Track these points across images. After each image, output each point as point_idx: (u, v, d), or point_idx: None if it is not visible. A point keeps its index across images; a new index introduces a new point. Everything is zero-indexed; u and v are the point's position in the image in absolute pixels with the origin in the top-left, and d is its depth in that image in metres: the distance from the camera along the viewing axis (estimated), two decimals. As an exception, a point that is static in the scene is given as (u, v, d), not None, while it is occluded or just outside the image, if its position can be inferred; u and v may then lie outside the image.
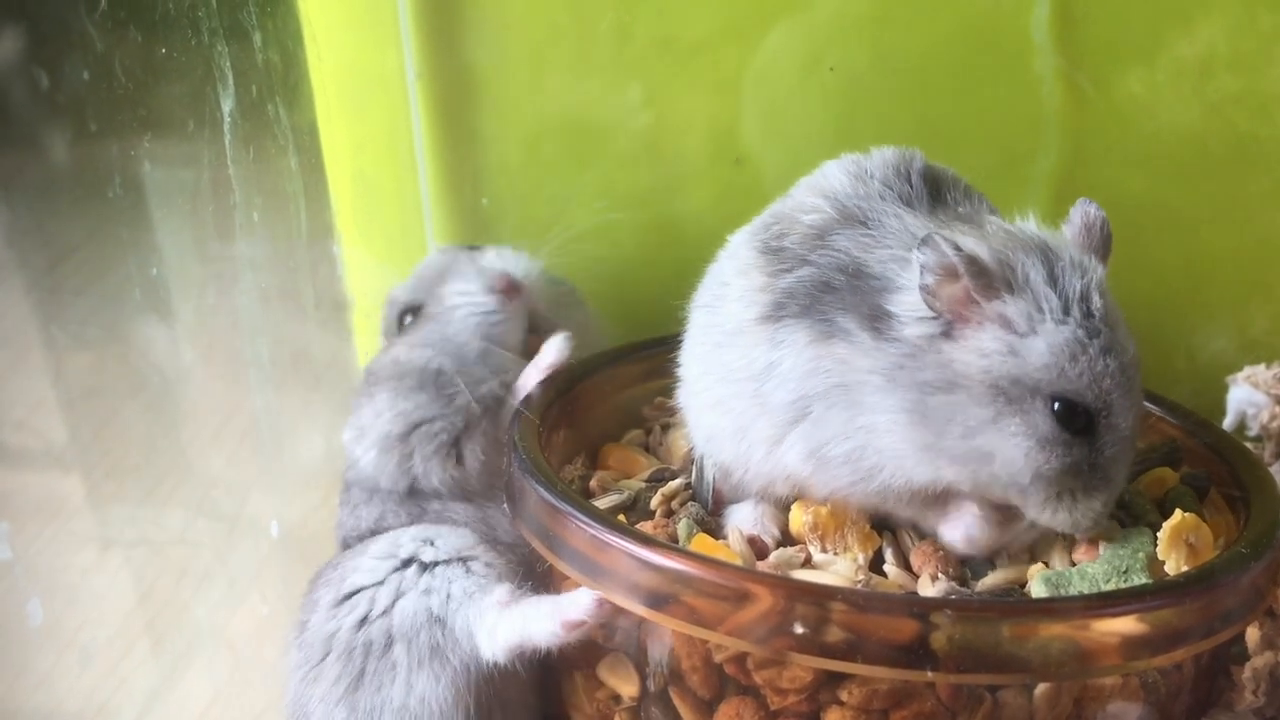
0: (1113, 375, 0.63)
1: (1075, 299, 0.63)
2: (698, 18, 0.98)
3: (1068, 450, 0.63)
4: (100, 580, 0.75)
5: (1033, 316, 0.63)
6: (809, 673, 0.64)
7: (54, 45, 0.66)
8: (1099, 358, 0.63)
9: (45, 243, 0.70)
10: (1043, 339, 0.63)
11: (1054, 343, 0.63)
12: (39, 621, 0.66)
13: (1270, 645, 0.72)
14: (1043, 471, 0.63)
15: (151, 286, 0.77)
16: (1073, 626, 0.60)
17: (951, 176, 0.75)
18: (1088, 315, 0.63)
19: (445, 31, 0.98)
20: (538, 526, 0.71)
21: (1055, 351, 0.63)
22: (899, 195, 0.71)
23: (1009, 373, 0.63)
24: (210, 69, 0.79)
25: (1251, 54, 0.93)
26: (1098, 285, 0.64)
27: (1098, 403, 0.63)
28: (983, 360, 0.64)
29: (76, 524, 0.73)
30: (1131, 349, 0.64)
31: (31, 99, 0.64)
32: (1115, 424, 0.64)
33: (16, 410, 0.71)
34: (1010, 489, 0.65)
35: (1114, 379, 0.63)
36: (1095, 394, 0.63)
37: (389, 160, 1.04)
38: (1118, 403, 0.63)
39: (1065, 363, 0.62)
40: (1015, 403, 0.63)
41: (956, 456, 0.65)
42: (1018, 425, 0.63)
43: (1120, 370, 0.63)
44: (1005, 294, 0.64)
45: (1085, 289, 0.64)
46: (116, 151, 0.71)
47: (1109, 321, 0.64)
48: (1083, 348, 0.63)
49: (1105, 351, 0.63)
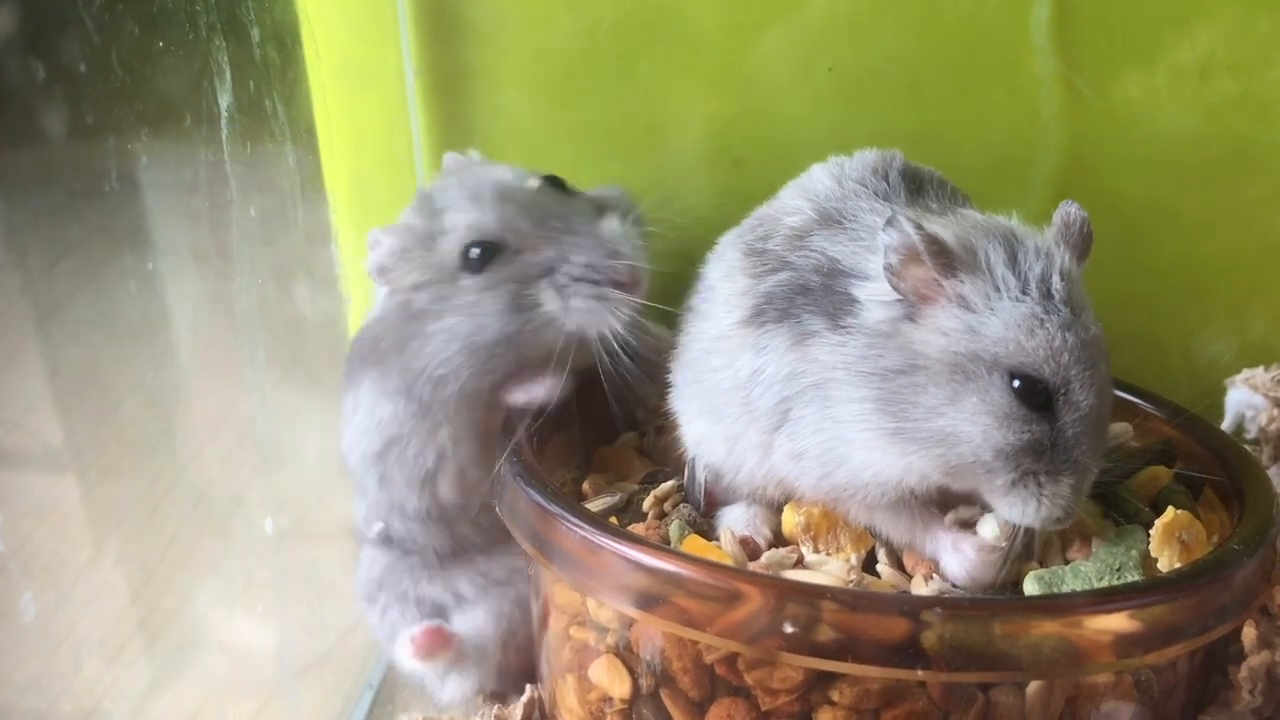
0: (1071, 351, 0.64)
1: (1035, 280, 0.65)
2: (696, 19, 0.98)
3: (1026, 426, 0.64)
4: (94, 578, 0.74)
5: (990, 295, 0.65)
6: (800, 673, 0.64)
7: (51, 37, 0.66)
8: (1057, 333, 0.64)
9: (41, 239, 0.69)
10: (999, 316, 0.64)
11: (1010, 319, 0.64)
12: (32, 618, 0.66)
13: (1267, 645, 0.72)
14: (1003, 449, 0.64)
15: (147, 282, 0.77)
16: (1064, 624, 0.61)
17: (932, 176, 0.76)
18: (1046, 295, 0.65)
19: (444, 29, 0.98)
20: (529, 530, 0.72)
21: (1011, 327, 0.64)
22: (875, 192, 0.73)
23: (967, 349, 0.64)
24: (208, 64, 0.78)
25: (1250, 57, 0.93)
26: (1060, 269, 0.65)
27: (1055, 378, 0.64)
28: (942, 339, 0.65)
29: (70, 521, 0.73)
30: (1094, 330, 0.65)
31: (28, 92, 0.63)
32: (1075, 401, 0.64)
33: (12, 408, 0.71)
34: (977, 470, 0.65)
35: (1072, 355, 0.64)
36: (1052, 369, 0.64)
37: (387, 157, 1.04)
38: (1077, 379, 0.64)
39: (1022, 337, 0.64)
40: (974, 380, 0.64)
41: (921, 440, 0.66)
42: (976, 403, 0.64)
43: (1080, 347, 0.64)
44: (964, 274, 0.65)
45: (1045, 271, 0.65)
46: (113, 146, 0.71)
47: (1070, 303, 0.65)
48: (1040, 323, 0.64)
49: (1064, 328, 0.64)
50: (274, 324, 0.91)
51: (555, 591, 0.74)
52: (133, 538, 0.77)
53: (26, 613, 0.65)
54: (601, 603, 0.69)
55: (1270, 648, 0.71)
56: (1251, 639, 0.71)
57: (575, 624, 0.73)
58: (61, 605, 0.71)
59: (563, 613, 0.74)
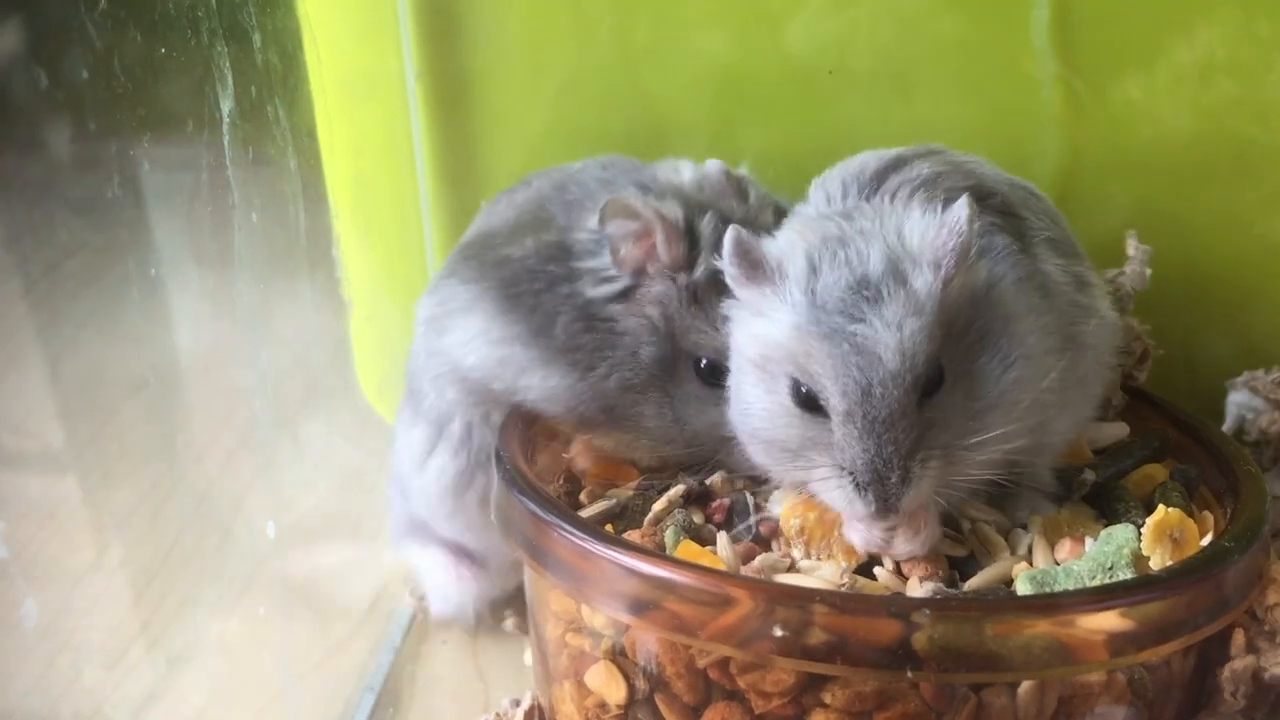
0: (828, 361, 0.67)
1: (820, 291, 0.69)
2: (696, 20, 0.98)
3: (803, 426, 0.69)
4: (96, 581, 0.74)
5: (776, 305, 0.70)
6: (792, 675, 0.64)
7: (53, 43, 0.66)
8: (817, 344, 0.67)
9: (43, 243, 0.69)
10: (776, 325, 0.70)
11: (783, 327, 0.69)
12: (34, 623, 0.66)
13: (1252, 649, 0.72)
14: (786, 444, 0.70)
15: (150, 287, 0.77)
16: (1055, 623, 0.61)
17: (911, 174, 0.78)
18: (819, 306, 0.68)
19: (445, 33, 0.99)
20: (523, 538, 0.72)
21: (785, 335, 0.69)
22: (826, 195, 0.80)
23: (760, 352, 0.71)
24: (210, 69, 0.79)
25: (1250, 60, 0.93)
26: (854, 280, 0.68)
27: (813, 385, 0.68)
28: (741, 340, 0.73)
29: (73, 525, 0.73)
30: (874, 341, 0.67)
31: (30, 98, 0.64)
32: (834, 407, 0.67)
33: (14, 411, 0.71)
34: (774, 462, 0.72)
35: (827, 365, 0.67)
36: (809, 377, 0.68)
37: (388, 162, 1.04)
38: (830, 386, 0.67)
39: (792, 345, 0.68)
40: (773, 379, 0.71)
41: (745, 432, 0.73)
42: (770, 401, 0.71)
43: (840, 358, 0.67)
44: (759, 283, 0.71)
45: (834, 282, 0.68)
46: (115, 151, 0.71)
47: (847, 312, 0.67)
48: (804, 333, 0.68)
49: (824, 338, 0.67)
50: (275, 329, 0.91)
51: (551, 598, 0.74)
52: (134, 541, 0.77)
53: (29, 618, 0.65)
54: (596, 609, 0.70)
55: (1255, 652, 0.71)
56: (1239, 643, 0.71)
57: (571, 630, 0.73)
58: (63, 609, 0.71)
59: (559, 619, 0.74)
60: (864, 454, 0.66)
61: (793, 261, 0.70)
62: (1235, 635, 0.71)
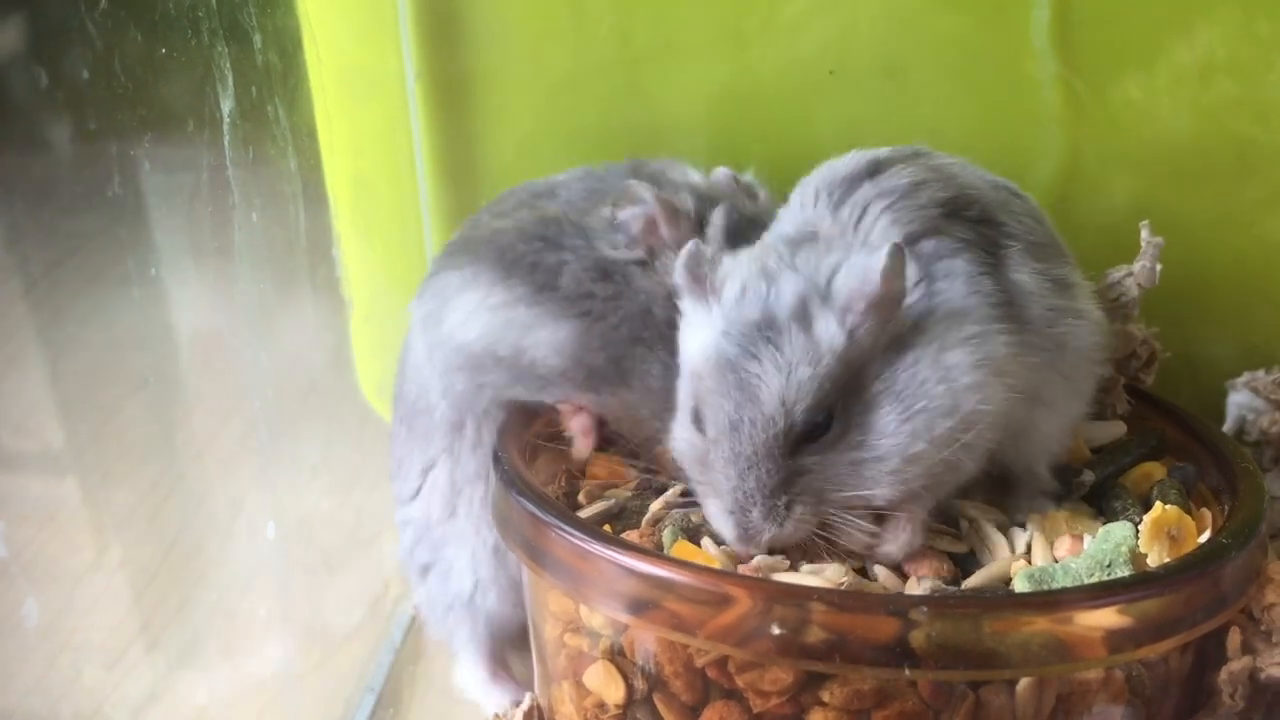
0: (713, 386, 0.69)
1: (726, 310, 0.71)
2: (697, 21, 0.98)
3: (691, 436, 0.72)
4: (97, 581, 0.74)
5: (694, 320, 0.73)
6: (790, 674, 0.64)
7: (54, 43, 0.66)
8: (712, 364, 0.70)
9: (44, 243, 0.70)
10: (691, 337, 0.73)
11: (693, 341, 0.73)
12: (35, 623, 0.66)
13: (1248, 649, 0.72)
14: (682, 454, 0.74)
15: (150, 287, 0.77)
16: (1053, 620, 0.61)
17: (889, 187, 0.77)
18: (725, 331, 0.70)
19: (445, 34, 0.99)
20: (521, 539, 0.72)
21: (693, 347, 0.72)
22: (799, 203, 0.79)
23: (684, 364, 0.74)
24: (210, 69, 0.79)
25: (1250, 60, 0.93)
26: (761, 312, 0.69)
27: (701, 405, 0.70)
28: (680, 346, 0.76)
29: (73, 525, 0.73)
30: (746, 373, 0.68)
31: (31, 97, 0.64)
32: (708, 432, 0.70)
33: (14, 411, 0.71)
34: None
35: (713, 390, 0.69)
36: (699, 397, 0.71)
37: (388, 162, 1.04)
38: (707, 413, 0.70)
39: (694, 356, 0.72)
40: (687, 391, 0.74)
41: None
42: (683, 410, 0.74)
43: (717, 379, 0.69)
44: (693, 297, 0.73)
45: (743, 315, 0.70)
46: (116, 151, 0.71)
47: (742, 343, 0.69)
48: (705, 351, 0.71)
49: (717, 366, 0.69)
50: (275, 328, 0.91)
51: (549, 598, 0.74)
52: (134, 541, 0.78)
53: (29, 617, 0.65)
54: (594, 609, 0.70)
55: (1252, 652, 0.71)
56: (1235, 643, 0.71)
57: (569, 631, 0.73)
58: (63, 609, 0.71)
59: (557, 620, 0.74)
60: (726, 482, 0.69)
61: (729, 285, 0.72)
62: (1231, 635, 0.71)
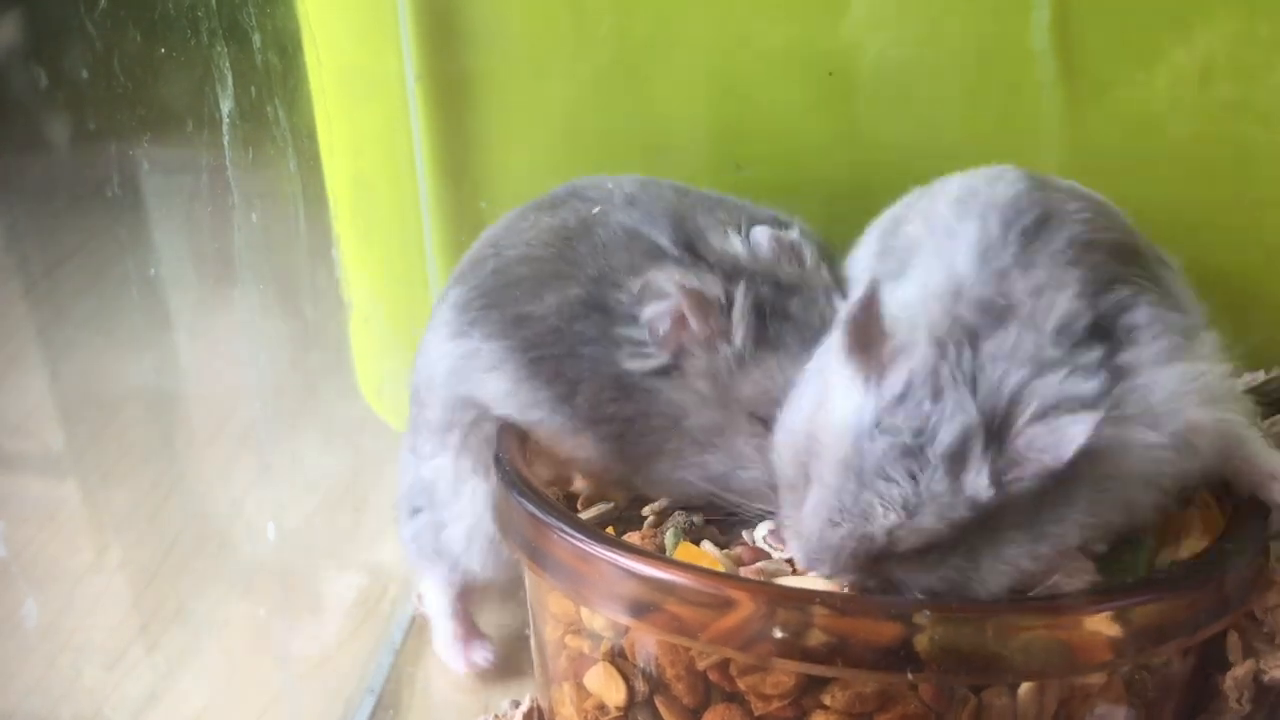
0: (835, 493, 0.63)
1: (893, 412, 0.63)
2: (697, 22, 0.98)
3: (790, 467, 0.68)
4: (97, 582, 0.74)
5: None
6: (792, 678, 0.64)
7: (53, 43, 0.66)
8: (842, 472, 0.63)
9: (43, 244, 0.70)
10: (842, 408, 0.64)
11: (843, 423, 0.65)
12: (34, 623, 0.66)
13: (1251, 652, 0.72)
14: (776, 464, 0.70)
15: (149, 288, 0.77)
16: (1056, 625, 0.61)
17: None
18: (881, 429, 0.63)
19: (445, 34, 0.98)
20: (523, 540, 0.72)
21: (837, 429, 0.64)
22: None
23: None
24: (209, 70, 0.79)
25: (1251, 62, 0.93)
26: (911, 434, 0.62)
27: (810, 453, 0.66)
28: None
29: (73, 526, 0.73)
30: (867, 502, 0.62)
31: (30, 97, 0.64)
32: (808, 489, 0.65)
33: (14, 413, 0.71)
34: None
35: (832, 497, 0.63)
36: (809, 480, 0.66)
37: (388, 163, 1.04)
38: (816, 469, 0.64)
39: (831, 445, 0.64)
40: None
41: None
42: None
43: (842, 506, 0.62)
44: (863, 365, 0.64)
45: (903, 418, 0.62)
46: (115, 152, 0.71)
47: (887, 460, 0.62)
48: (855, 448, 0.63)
49: (850, 472, 0.62)
50: (275, 329, 0.91)
51: (550, 600, 0.74)
52: (134, 542, 0.78)
53: (29, 618, 0.65)
54: (595, 611, 0.70)
55: (1255, 655, 0.71)
56: (1236, 647, 0.71)
57: (570, 633, 0.73)
58: (63, 610, 0.71)
59: (558, 622, 0.74)
60: (809, 542, 0.65)
61: (894, 371, 0.63)
62: (1231, 639, 0.71)
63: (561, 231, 0.82)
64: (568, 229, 0.82)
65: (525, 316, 0.80)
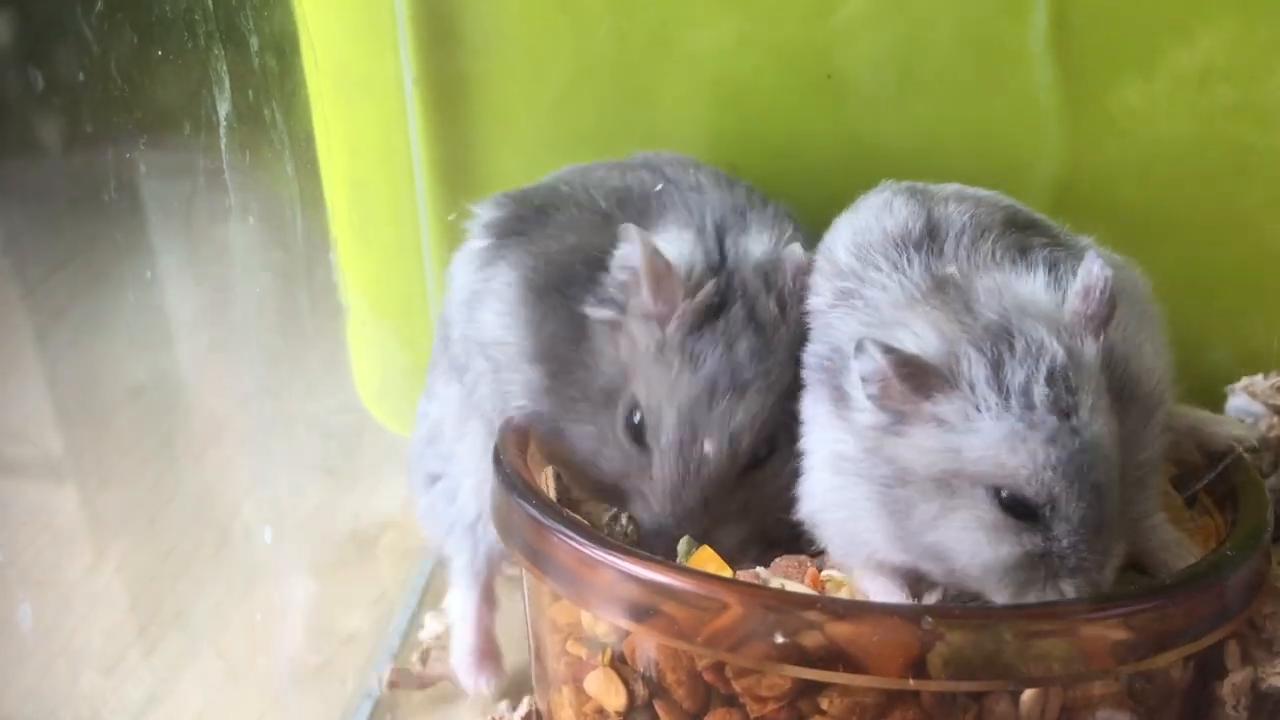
0: (1056, 465, 0.61)
1: (1017, 390, 0.62)
2: (695, 24, 0.98)
3: (1017, 540, 0.62)
4: (93, 586, 0.74)
5: (969, 414, 0.63)
6: (788, 680, 0.64)
7: (50, 45, 0.66)
8: (1039, 449, 0.61)
9: (40, 247, 0.69)
10: (978, 435, 0.62)
11: (991, 438, 0.62)
12: (29, 627, 0.65)
13: (1249, 659, 0.72)
14: (992, 565, 0.63)
15: (146, 291, 0.77)
16: (1058, 631, 0.61)
17: (955, 223, 0.74)
18: (1028, 406, 0.62)
19: (442, 37, 0.98)
20: (524, 544, 0.72)
21: (992, 446, 0.62)
22: (892, 264, 0.72)
23: (949, 468, 0.63)
24: (207, 72, 0.79)
25: (1250, 65, 0.93)
26: (1050, 370, 0.62)
27: (1039, 496, 0.62)
28: (923, 457, 0.64)
29: (69, 530, 0.73)
30: (1091, 432, 0.62)
31: (27, 100, 0.63)
32: (1065, 514, 0.62)
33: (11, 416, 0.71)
34: (976, 583, 0.64)
35: (1058, 468, 0.61)
36: (1036, 486, 0.62)
37: (385, 166, 1.04)
38: (1064, 494, 0.61)
39: (1003, 455, 0.62)
40: (959, 495, 0.63)
41: (920, 550, 0.65)
42: (965, 518, 0.63)
43: (1067, 458, 0.61)
44: (940, 394, 0.63)
45: (1029, 378, 0.62)
46: (112, 155, 0.71)
47: (1058, 408, 0.62)
48: (1022, 440, 0.61)
49: (1048, 442, 0.61)
50: (272, 333, 0.91)
51: (550, 604, 0.74)
52: (132, 546, 0.77)
53: (25, 622, 0.65)
54: (597, 616, 0.69)
55: (1253, 662, 0.71)
56: (1234, 654, 0.71)
57: (570, 637, 0.73)
58: (60, 614, 0.71)
59: (557, 625, 0.74)
60: (1093, 554, 0.62)
61: (969, 359, 0.63)
62: (1229, 646, 0.71)
63: (620, 194, 0.85)
64: (626, 193, 0.85)
65: (543, 252, 0.82)
